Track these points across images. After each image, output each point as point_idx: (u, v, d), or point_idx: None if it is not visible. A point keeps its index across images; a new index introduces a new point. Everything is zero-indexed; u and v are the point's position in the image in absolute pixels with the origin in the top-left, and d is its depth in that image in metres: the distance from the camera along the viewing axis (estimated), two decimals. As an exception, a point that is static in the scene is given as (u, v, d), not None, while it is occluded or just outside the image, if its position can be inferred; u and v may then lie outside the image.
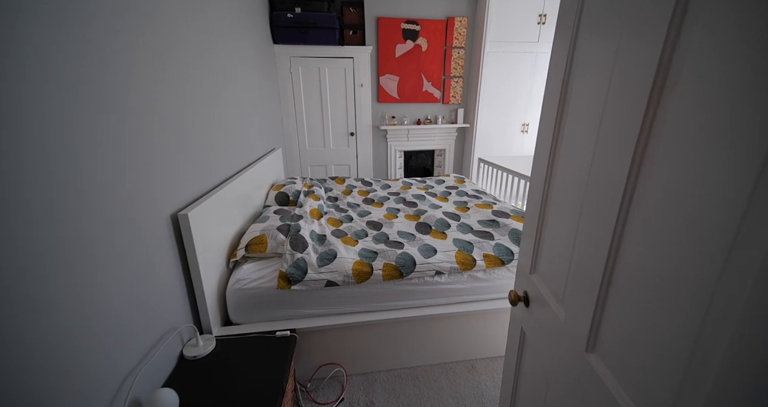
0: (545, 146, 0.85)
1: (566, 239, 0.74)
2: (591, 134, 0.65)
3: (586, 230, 0.64)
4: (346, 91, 3.45)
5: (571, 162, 0.73)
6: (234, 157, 1.84)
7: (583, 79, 0.69)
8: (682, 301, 0.43)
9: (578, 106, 0.71)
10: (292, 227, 1.70)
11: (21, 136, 0.63)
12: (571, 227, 0.72)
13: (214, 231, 1.40)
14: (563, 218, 0.76)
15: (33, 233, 0.64)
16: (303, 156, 3.58)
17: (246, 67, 2.17)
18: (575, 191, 0.70)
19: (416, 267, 1.52)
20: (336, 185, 2.83)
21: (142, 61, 1.02)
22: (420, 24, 3.39)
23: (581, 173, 0.68)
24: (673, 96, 0.45)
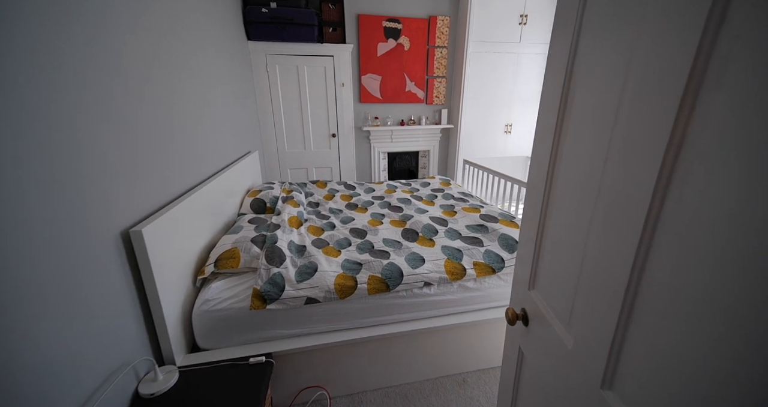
0: (544, 149, 0.77)
1: (572, 254, 0.66)
2: (602, 138, 0.57)
3: (601, 246, 0.56)
4: (327, 91, 3.32)
5: (576, 168, 0.65)
6: (203, 162, 1.68)
7: (589, 76, 0.61)
8: (728, 333, 0.35)
9: (583, 106, 0.63)
10: (268, 238, 1.56)
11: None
12: (578, 241, 0.63)
13: (177, 246, 1.25)
14: (568, 231, 0.68)
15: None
16: (282, 159, 3.41)
17: (216, 63, 2.00)
18: (583, 200, 0.62)
19: (403, 279, 1.42)
20: (317, 189, 2.69)
21: (92, 55, 0.87)
22: (402, 22, 3.30)
23: (590, 181, 0.60)
24: (719, 93, 0.37)
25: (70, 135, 0.82)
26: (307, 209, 2.26)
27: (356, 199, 2.46)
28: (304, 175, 3.52)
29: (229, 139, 2.18)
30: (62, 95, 0.80)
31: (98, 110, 0.92)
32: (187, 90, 1.53)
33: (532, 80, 3.54)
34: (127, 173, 1.04)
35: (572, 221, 0.67)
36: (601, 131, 0.57)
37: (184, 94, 1.50)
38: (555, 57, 0.72)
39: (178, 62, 1.46)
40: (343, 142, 3.52)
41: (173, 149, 1.35)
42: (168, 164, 1.30)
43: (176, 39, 1.46)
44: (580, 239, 0.63)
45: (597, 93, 0.59)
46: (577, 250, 0.64)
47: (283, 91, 3.21)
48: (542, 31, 3.35)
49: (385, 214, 2.16)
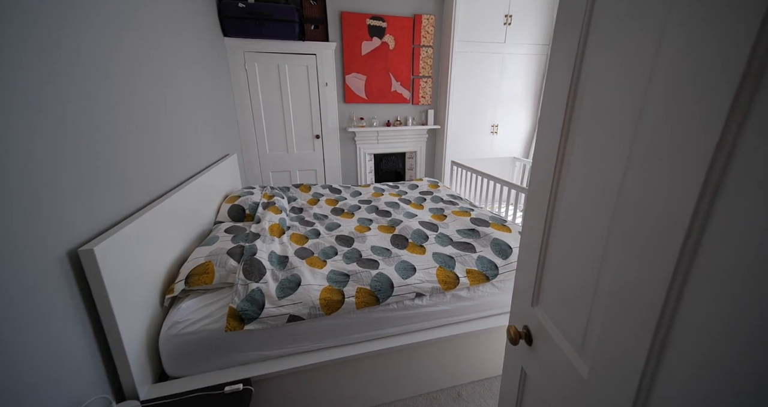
0: (547, 153, 0.70)
1: (585, 271, 0.59)
2: (619, 144, 0.50)
3: (625, 266, 0.48)
4: (310, 91, 3.20)
5: (587, 177, 0.58)
6: (173, 166, 1.53)
7: (604, 69, 0.54)
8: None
9: (595, 106, 0.56)
10: (246, 250, 1.44)
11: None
12: (592, 257, 0.56)
13: (141, 263, 1.11)
14: (578, 244, 0.61)
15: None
16: (263, 162, 3.26)
17: (188, 58, 1.85)
18: (597, 212, 0.55)
19: (394, 290, 1.33)
20: (301, 193, 2.56)
21: (32, 47, 0.73)
22: (386, 20, 3.22)
23: (605, 192, 0.53)
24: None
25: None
26: (290, 215, 2.14)
27: (342, 203, 2.36)
28: (287, 178, 3.38)
29: (204, 141, 2.03)
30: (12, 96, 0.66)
31: (34, 107, 0.78)
32: (150, 87, 1.38)
33: (517, 81, 3.53)
34: (77, 183, 0.90)
35: (583, 234, 0.59)
36: (619, 135, 0.50)
37: (148, 92, 1.35)
38: (560, 47, 0.64)
39: (140, 56, 1.32)
40: (328, 143, 3.40)
41: (135, 154, 1.21)
42: (130, 171, 1.16)
43: (136, 30, 1.31)
44: (594, 255, 0.56)
45: (613, 90, 0.52)
46: (590, 267, 0.57)
47: (263, 91, 3.06)
48: (526, 31, 3.35)
49: (373, 219, 2.07)
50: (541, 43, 3.43)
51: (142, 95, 1.30)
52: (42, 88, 0.81)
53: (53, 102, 0.84)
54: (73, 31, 0.94)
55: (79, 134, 0.93)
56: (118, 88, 1.13)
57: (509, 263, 1.51)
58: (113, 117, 1.09)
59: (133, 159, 1.19)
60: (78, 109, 0.93)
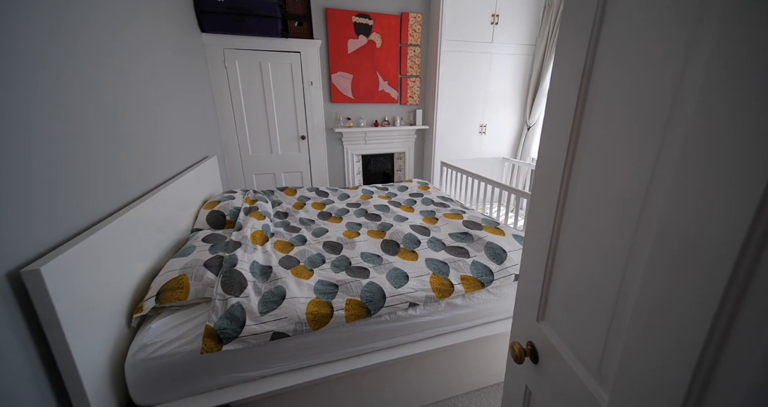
0: (554, 157, 0.64)
1: (601, 287, 0.53)
2: (645, 152, 0.43)
3: (653, 284, 0.42)
4: (294, 90, 3.08)
5: (603, 185, 0.52)
6: (144, 171, 1.40)
7: (622, 69, 0.48)
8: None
9: (612, 111, 0.50)
10: (226, 261, 1.33)
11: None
12: (610, 272, 0.50)
13: (104, 279, 0.99)
14: (593, 260, 0.55)
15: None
16: (246, 164, 3.12)
17: (160, 54, 1.72)
18: (616, 224, 0.49)
19: (386, 301, 1.25)
20: (286, 197, 2.45)
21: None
22: (373, 18, 3.14)
23: (626, 203, 0.47)
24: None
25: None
26: (275, 220, 2.03)
27: (329, 207, 2.26)
28: (271, 181, 3.25)
29: (180, 143, 1.89)
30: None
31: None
32: (115, 86, 1.25)
33: (504, 81, 3.52)
34: (21, 195, 0.78)
35: (599, 246, 0.53)
36: (645, 145, 0.43)
37: (112, 90, 1.23)
38: (568, 39, 0.58)
39: (101, 52, 1.19)
40: (314, 144, 3.29)
41: (98, 159, 1.08)
42: (93, 178, 1.03)
43: (97, 20, 1.18)
44: (612, 270, 0.50)
45: (635, 87, 0.46)
46: (608, 283, 0.51)
47: (244, 90, 2.92)
48: (514, 31, 3.34)
49: (362, 223, 1.98)
50: (527, 43, 3.43)
51: (104, 94, 1.17)
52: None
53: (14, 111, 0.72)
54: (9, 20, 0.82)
55: (26, 137, 0.80)
56: (76, 87, 1.01)
57: (504, 268, 1.46)
58: (68, 119, 0.97)
59: (95, 165, 1.07)
60: (44, 114, 0.81)
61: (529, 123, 3.64)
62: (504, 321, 1.47)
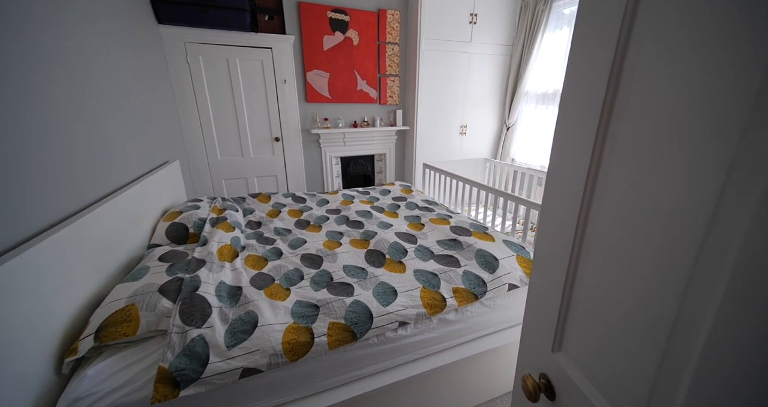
0: (574, 165, 0.54)
1: (646, 320, 0.43)
2: (706, 161, 0.34)
3: (735, 322, 0.32)
4: (266, 88, 2.88)
5: (649, 199, 0.42)
6: (86, 180, 1.19)
7: (669, 58, 0.38)
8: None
9: (660, 108, 0.40)
10: (186, 284, 1.14)
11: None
12: (661, 308, 0.41)
13: (24, 316, 0.79)
14: (632, 285, 0.45)
15: None
16: (214, 169, 2.88)
17: (104, 46, 1.49)
18: (672, 247, 0.39)
19: (373, 322, 1.12)
20: (259, 204, 2.25)
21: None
22: (349, 14, 3.00)
23: (686, 223, 0.37)
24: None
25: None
26: (246, 231, 1.84)
27: (307, 214, 2.10)
28: (243, 186, 3.02)
29: (133, 147, 1.66)
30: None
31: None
32: (49, 80, 1.04)
33: (483, 81, 3.50)
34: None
35: (643, 268, 0.44)
36: (704, 147, 0.34)
37: (46, 86, 1.01)
38: (591, 20, 0.48)
39: (34, 41, 0.97)
40: (289, 146, 3.10)
41: (22, 166, 0.87)
42: (13, 189, 0.83)
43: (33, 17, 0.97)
44: (665, 299, 0.40)
45: (690, 80, 0.36)
46: (657, 313, 0.41)
47: (211, 88, 2.69)
48: (492, 30, 3.32)
49: (344, 232, 1.84)
50: (505, 43, 3.42)
51: (35, 91, 0.96)
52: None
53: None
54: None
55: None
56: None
57: (497, 277, 1.37)
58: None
59: (21, 175, 0.86)
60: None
61: (508, 123, 3.64)
62: (498, 333, 1.39)
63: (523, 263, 1.46)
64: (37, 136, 0.98)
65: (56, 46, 1.13)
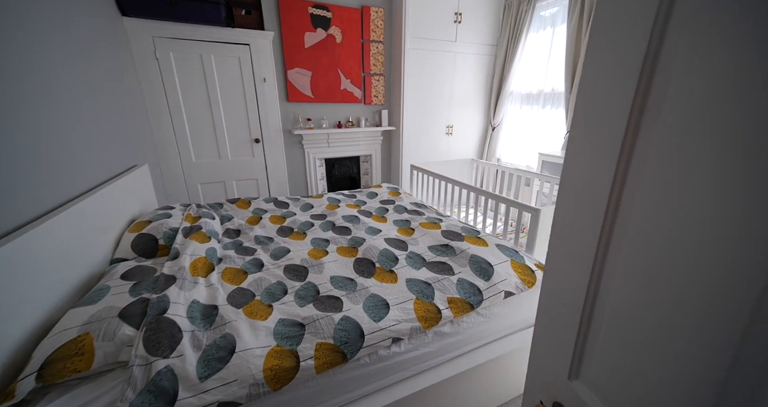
0: (595, 172, 0.48)
1: (697, 353, 0.37)
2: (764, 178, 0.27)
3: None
4: (245, 87, 2.73)
5: (693, 216, 0.36)
6: (38, 187, 1.03)
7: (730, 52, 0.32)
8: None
9: (707, 112, 0.34)
10: (153, 305, 1.01)
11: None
12: (706, 339, 0.34)
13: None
14: (676, 312, 0.39)
15: None
16: (189, 172, 2.70)
17: (59, 39, 1.32)
18: (708, 272, 0.33)
19: (365, 340, 1.03)
20: (238, 210, 2.11)
21: None
22: (331, 10, 2.89)
23: (721, 247, 0.31)
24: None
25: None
26: (223, 240, 1.70)
27: (291, 220, 1.98)
28: (221, 191, 2.85)
29: (94, 150, 1.50)
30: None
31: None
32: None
33: (469, 81, 3.47)
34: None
35: (676, 293, 0.37)
36: (759, 156, 0.28)
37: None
38: (618, 6, 0.42)
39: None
40: (270, 148, 2.96)
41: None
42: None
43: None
44: (705, 329, 0.34)
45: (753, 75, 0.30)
46: (710, 345, 0.35)
47: (183, 86, 2.51)
48: (477, 29, 3.30)
49: (330, 239, 1.74)
50: (489, 43, 3.41)
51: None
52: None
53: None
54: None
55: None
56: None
57: (493, 284, 1.32)
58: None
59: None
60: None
61: (493, 123, 3.63)
62: (495, 343, 1.33)
63: (518, 268, 1.41)
64: (5, 141, 0.83)
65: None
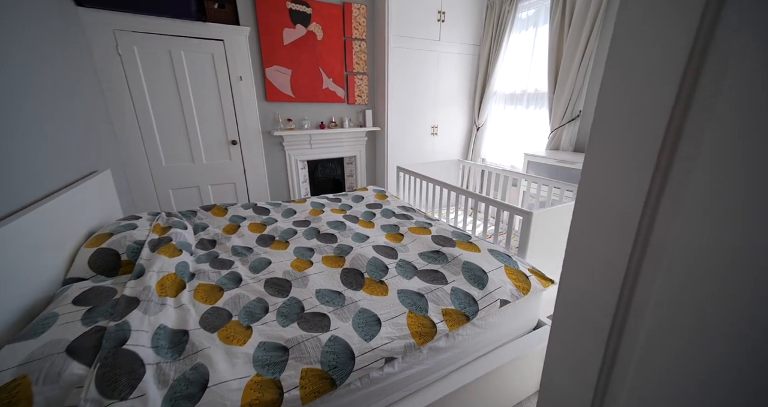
0: (625, 184, 0.41)
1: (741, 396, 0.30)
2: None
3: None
4: (219, 86, 2.56)
5: (730, 240, 0.30)
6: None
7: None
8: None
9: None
10: (109, 336, 0.88)
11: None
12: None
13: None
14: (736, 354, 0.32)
15: None
16: (158, 178, 2.50)
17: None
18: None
19: (356, 362, 0.94)
20: (213, 218, 1.96)
21: None
22: (311, 6, 2.77)
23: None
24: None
25: None
26: (197, 253, 1.56)
27: (272, 228, 1.85)
28: (195, 196, 2.67)
29: (40, 156, 1.32)
30: None
31: None
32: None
33: (453, 81, 3.44)
34: None
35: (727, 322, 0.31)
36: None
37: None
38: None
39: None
40: (248, 150, 2.80)
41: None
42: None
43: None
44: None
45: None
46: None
47: (150, 84, 2.32)
48: (460, 29, 3.27)
49: (315, 248, 1.63)
50: (472, 43, 3.39)
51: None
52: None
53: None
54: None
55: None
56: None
57: (488, 293, 1.26)
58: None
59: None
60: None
61: (477, 124, 3.62)
62: (491, 354, 1.28)
63: (512, 274, 1.36)
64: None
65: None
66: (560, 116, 2.69)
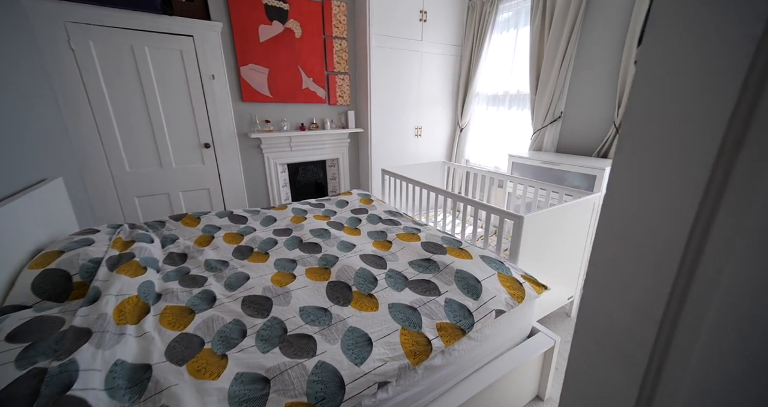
0: (666, 206, 0.34)
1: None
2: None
3: None
4: (190, 85, 2.38)
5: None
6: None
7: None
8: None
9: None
10: (50, 380, 0.74)
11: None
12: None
13: None
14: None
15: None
16: (121, 185, 2.29)
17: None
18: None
19: (346, 391, 0.85)
20: (184, 229, 1.80)
21: None
22: (289, 2, 2.64)
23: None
24: None
25: None
26: (164, 269, 1.40)
27: (249, 238, 1.72)
28: (165, 204, 2.47)
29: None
30: None
31: None
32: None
33: (436, 81, 3.40)
34: None
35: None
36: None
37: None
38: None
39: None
40: (223, 154, 2.63)
41: None
42: None
43: None
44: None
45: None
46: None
47: (109, 82, 2.12)
48: (442, 30, 3.23)
49: (297, 259, 1.52)
50: (455, 43, 3.37)
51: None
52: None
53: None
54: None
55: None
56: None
57: (483, 304, 1.20)
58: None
59: None
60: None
61: (461, 124, 3.60)
62: (487, 367, 1.22)
63: (506, 282, 1.31)
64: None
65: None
66: (542, 117, 2.70)
